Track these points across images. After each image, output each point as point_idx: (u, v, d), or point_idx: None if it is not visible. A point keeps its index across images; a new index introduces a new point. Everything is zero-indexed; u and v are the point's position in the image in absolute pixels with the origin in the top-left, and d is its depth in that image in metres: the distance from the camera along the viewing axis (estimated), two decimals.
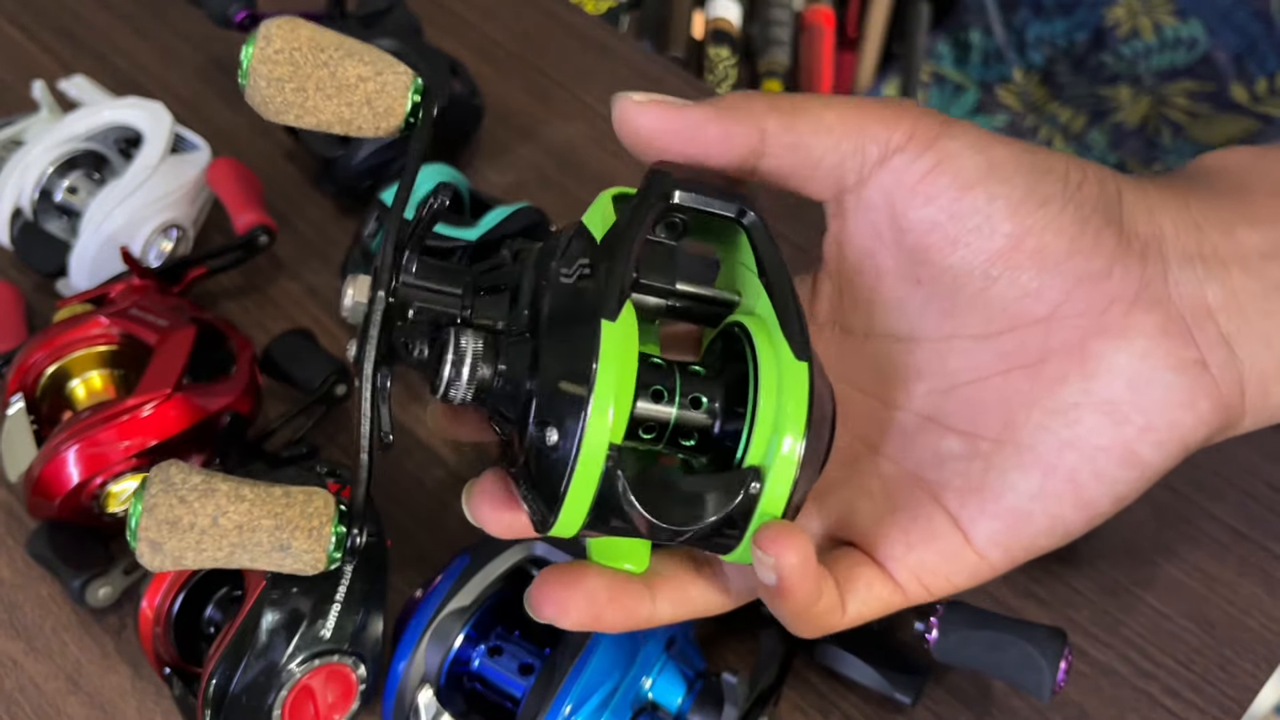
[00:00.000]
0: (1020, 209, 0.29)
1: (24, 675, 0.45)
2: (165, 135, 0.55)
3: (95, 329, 0.48)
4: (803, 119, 0.30)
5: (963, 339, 0.31)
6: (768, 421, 0.27)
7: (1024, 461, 0.30)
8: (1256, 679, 0.45)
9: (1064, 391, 0.29)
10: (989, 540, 0.30)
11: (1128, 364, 0.29)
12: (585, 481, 0.26)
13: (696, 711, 0.39)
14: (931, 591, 0.31)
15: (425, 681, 0.38)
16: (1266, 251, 0.30)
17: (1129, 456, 0.29)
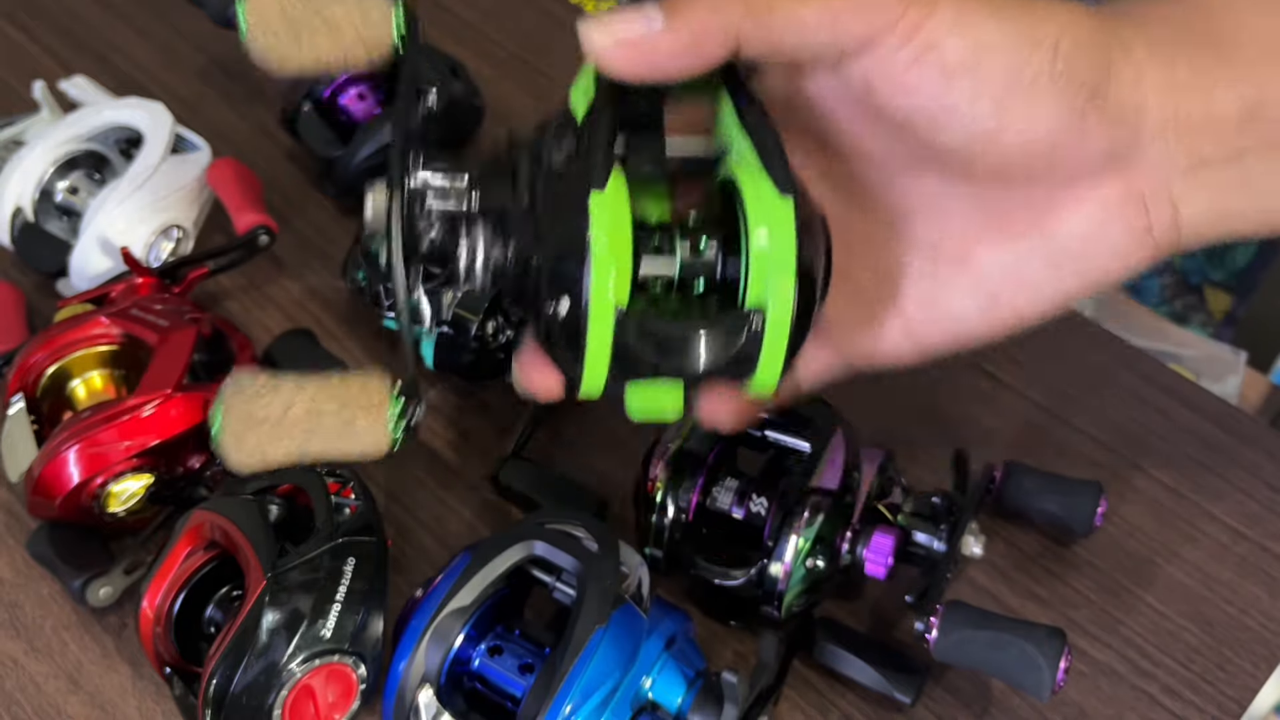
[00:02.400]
0: (1005, 99, 0.30)
1: (24, 675, 0.45)
2: (166, 135, 0.55)
3: (96, 329, 0.48)
4: (778, 18, 0.30)
5: (941, 179, 0.34)
6: (760, 261, 0.30)
7: (973, 284, 0.34)
8: (1256, 679, 0.46)
9: (1021, 239, 0.33)
10: (927, 338, 0.36)
11: (1083, 227, 0.32)
12: (599, 342, 0.29)
13: (696, 711, 0.39)
14: (873, 365, 0.37)
15: (425, 681, 0.38)
16: (1238, 117, 0.31)
17: (1061, 293, 0.34)
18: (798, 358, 0.31)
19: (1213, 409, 0.53)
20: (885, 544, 0.42)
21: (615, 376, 0.31)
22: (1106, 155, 0.31)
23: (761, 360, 0.30)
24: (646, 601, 0.40)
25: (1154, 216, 0.32)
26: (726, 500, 0.44)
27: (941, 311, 0.35)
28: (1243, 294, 0.96)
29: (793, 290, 0.29)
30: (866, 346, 0.36)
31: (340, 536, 0.40)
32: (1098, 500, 0.46)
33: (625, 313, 0.29)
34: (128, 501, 0.45)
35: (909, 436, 0.52)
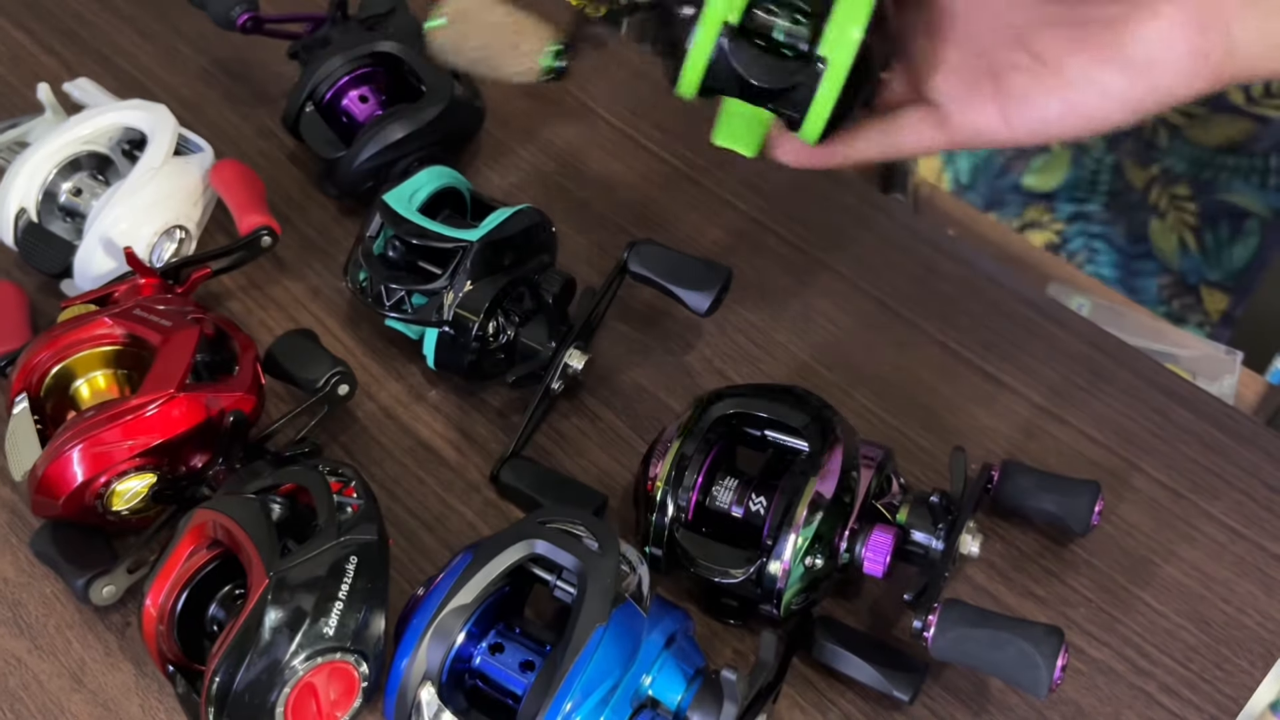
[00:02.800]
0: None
1: (28, 673, 0.45)
2: (169, 137, 0.55)
3: (99, 329, 0.48)
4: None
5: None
6: (837, 14, 0.39)
7: (1062, 85, 0.39)
8: (1253, 677, 0.46)
9: (1102, 53, 0.38)
10: (1022, 128, 0.41)
11: (1155, 40, 0.37)
12: (703, 46, 0.40)
13: (696, 708, 0.39)
14: (971, 145, 0.43)
15: (427, 678, 0.39)
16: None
17: (1130, 103, 0.39)
18: (850, 116, 0.39)
19: (1210, 409, 0.54)
20: (883, 543, 0.43)
21: (706, 84, 0.40)
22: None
23: (814, 104, 0.40)
24: (646, 600, 0.40)
25: (1212, 40, 0.37)
26: (726, 499, 0.44)
27: (1033, 105, 0.40)
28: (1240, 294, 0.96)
29: (852, 47, 0.38)
30: (968, 123, 0.41)
31: (342, 535, 0.41)
32: (1095, 500, 0.46)
33: (730, 30, 0.39)
34: (131, 501, 0.45)
35: (908, 436, 0.52)
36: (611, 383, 0.54)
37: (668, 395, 0.54)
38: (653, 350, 0.56)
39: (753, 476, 0.45)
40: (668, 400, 0.53)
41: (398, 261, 0.52)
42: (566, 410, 0.53)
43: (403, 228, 0.50)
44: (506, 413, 0.53)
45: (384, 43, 0.59)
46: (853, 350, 0.56)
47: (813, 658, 0.44)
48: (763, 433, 0.46)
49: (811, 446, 0.44)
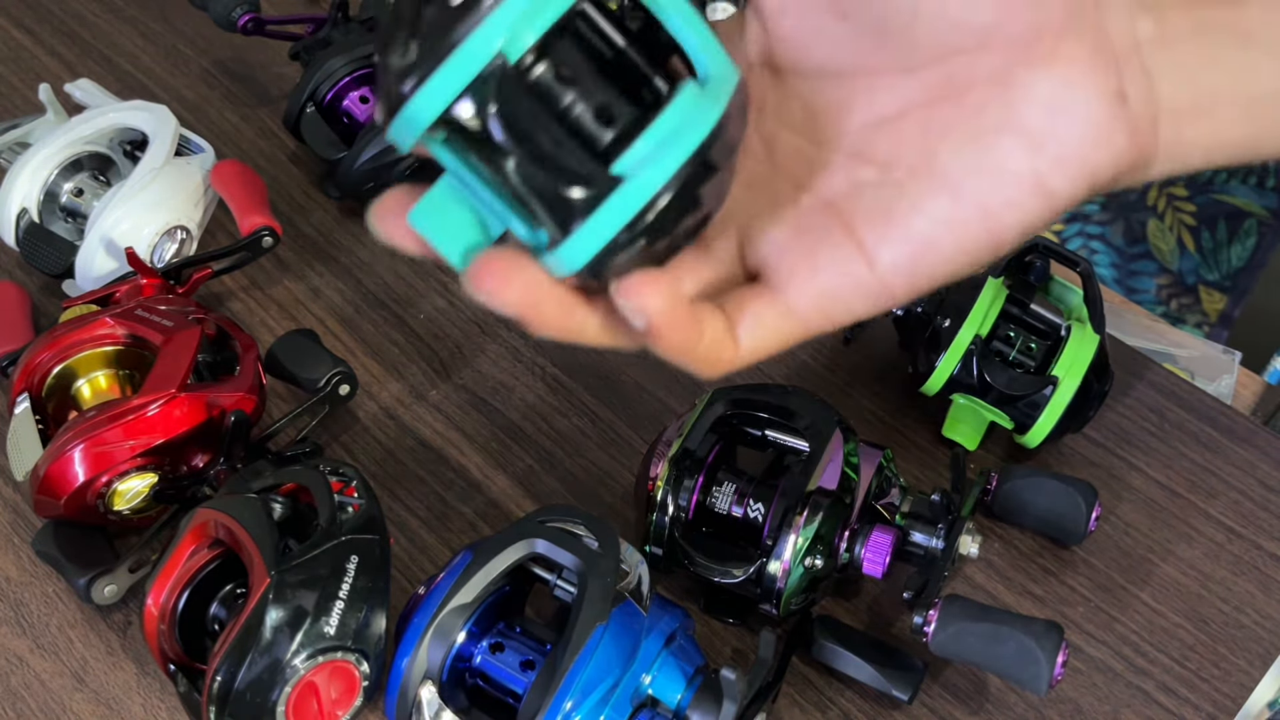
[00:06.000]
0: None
1: (30, 672, 0.45)
2: (170, 138, 0.56)
3: (101, 329, 0.48)
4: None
5: (890, 74, 0.30)
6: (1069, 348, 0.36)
7: (935, 187, 0.29)
8: (1251, 676, 0.46)
9: (983, 119, 0.29)
10: (892, 266, 0.29)
11: (1049, 92, 0.28)
12: (958, 350, 0.43)
13: (696, 707, 0.39)
14: (831, 319, 0.30)
15: (428, 677, 0.39)
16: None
17: (1039, 185, 0.29)
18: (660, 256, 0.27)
19: (1208, 408, 0.54)
20: (883, 543, 0.43)
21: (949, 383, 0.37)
22: (1065, 11, 0.29)
23: (1044, 414, 0.38)
24: (646, 599, 0.40)
25: (1127, 82, 0.29)
26: (726, 499, 0.44)
27: (906, 232, 0.29)
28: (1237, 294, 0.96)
29: (1080, 376, 0.35)
30: (814, 294, 0.30)
31: (343, 535, 0.41)
32: (1091, 509, 0.46)
33: (979, 342, 0.41)
34: (132, 500, 0.45)
35: (908, 436, 0.53)
36: (611, 383, 0.54)
37: (668, 395, 0.54)
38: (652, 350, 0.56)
39: (753, 476, 0.45)
40: (668, 400, 0.54)
41: None
42: (566, 410, 0.53)
43: None
44: (506, 413, 0.53)
45: None
46: (852, 350, 0.56)
47: (812, 657, 0.44)
48: (763, 433, 0.46)
49: (812, 446, 0.44)
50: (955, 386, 0.49)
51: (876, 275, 0.29)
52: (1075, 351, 0.48)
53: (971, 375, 0.48)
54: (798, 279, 0.30)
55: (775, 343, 0.30)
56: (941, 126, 0.29)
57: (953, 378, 0.49)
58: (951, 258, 0.29)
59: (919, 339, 0.50)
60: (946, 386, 0.49)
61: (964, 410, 0.50)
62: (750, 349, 0.30)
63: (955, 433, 0.50)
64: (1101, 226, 0.99)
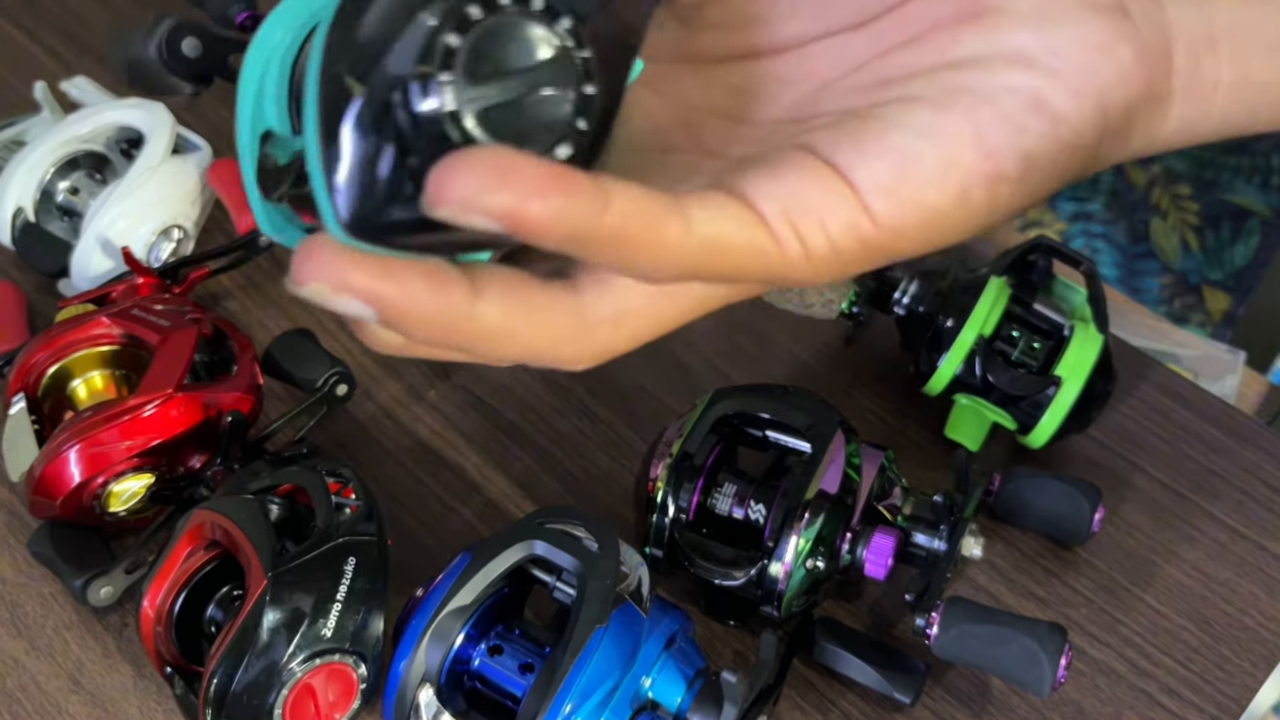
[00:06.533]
0: None
1: (25, 674, 0.45)
2: (167, 136, 0.55)
3: (97, 329, 0.48)
4: None
5: (835, 36, 0.26)
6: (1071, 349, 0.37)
7: (913, 104, 0.24)
8: (1255, 678, 0.46)
9: (958, 50, 0.24)
10: (871, 183, 0.23)
11: (1032, 7, 0.24)
12: (961, 350, 0.41)
13: (696, 710, 0.39)
14: (804, 239, 0.23)
15: (426, 680, 0.39)
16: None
17: (1039, 102, 0.24)
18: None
19: (1211, 409, 0.54)
20: (885, 545, 0.42)
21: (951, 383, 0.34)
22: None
23: (1047, 414, 0.39)
24: (646, 601, 0.40)
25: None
26: (727, 500, 0.44)
27: (882, 146, 0.24)
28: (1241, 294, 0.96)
29: (1085, 374, 0.31)
30: (784, 208, 0.23)
31: (341, 536, 0.40)
32: (1094, 511, 0.46)
33: (982, 342, 0.40)
34: (129, 501, 0.45)
35: (909, 436, 0.52)
36: (611, 383, 0.54)
37: (668, 395, 0.54)
38: (652, 350, 0.55)
39: (754, 478, 0.45)
40: (668, 400, 0.53)
41: None
42: (566, 410, 0.53)
43: None
44: (507, 413, 0.53)
45: None
46: (854, 350, 0.55)
47: (813, 659, 0.44)
48: (764, 433, 0.46)
49: (813, 448, 0.44)
50: (958, 387, 0.49)
51: (854, 192, 0.23)
52: (1079, 351, 0.47)
53: (974, 375, 0.48)
54: (760, 185, 0.23)
55: (740, 241, 0.23)
56: (907, 69, 0.25)
57: (955, 378, 0.49)
58: (939, 181, 0.23)
59: (921, 339, 0.50)
60: (949, 387, 0.49)
61: (967, 411, 0.49)
62: (710, 235, 0.22)
63: (958, 433, 0.50)
64: (1104, 225, 0.98)
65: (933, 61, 0.24)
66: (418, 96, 0.20)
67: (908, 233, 0.24)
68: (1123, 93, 0.24)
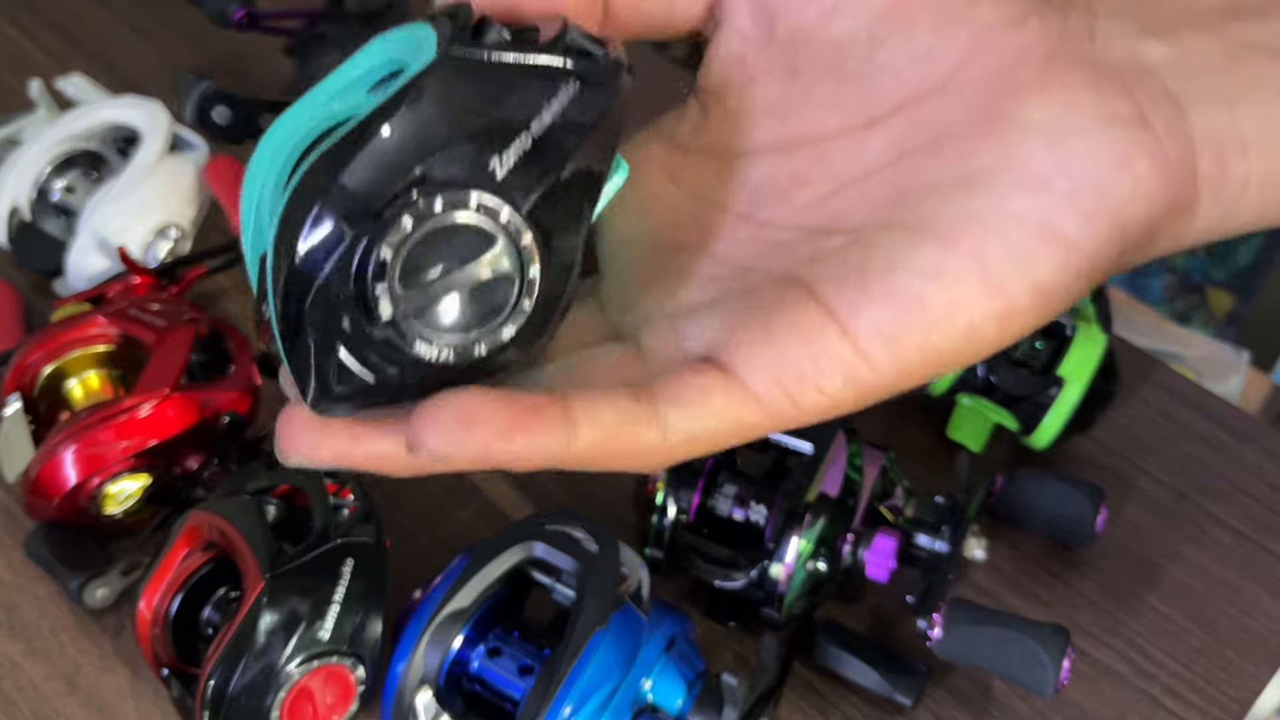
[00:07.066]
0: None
1: (22, 676, 0.45)
2: (163, 134, 0.55)
3: (93, 329, 0.48)
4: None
5: (850, 133, 0.26)
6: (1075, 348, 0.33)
7: (919, 238, 0.23)
8: (1258, 680, 0.45)
9: (969, 163, 0.24)
10: (871, 331, 0.23)
11: (1046, 119, 0.23)
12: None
13: (696, 713, 0.38)
14: (798, 403, 0.23)
15: (424, 682, 0.38)
16: (1226, 7, 0.24)
17: (1048, 230, 0.23)
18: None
19: (1215, 409, 0.53)
20: (887, 547, 0.42)
21: (955, 384, 0.31)
22: (1053, 33, 0.24)
23: (1051, 414, 0.34)
24: (646, 603, 0.40)
25: (1145, 104, 0.23)
26: (727, 502, 0.44)
27: (885, 289, 0.23)
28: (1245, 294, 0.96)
29: (1089, 373, 0.29)
30: (774, 370, 0.23)
31: (338, 537, 0.40)
32: (1096, 514, 0.46)
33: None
34: (125, 502, 0.45)
35: (911, 437, 0.52)
36: None
37: None
38: None
39: (755, 478, 0.45)
40: None
41: None
42: None
43: None
44: None
45: None
46: None
47: (814, 661, 0.44)
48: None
49: (814, 448, 0.43)
50: (960, 387, 0.49)
51: (852, 344, 0.23)
52: (1082, 351, 0.47)
53: (977, 376, 0.48)
54: (752, 354, 0.23)
55: (725, 431, 0.23)
56: (920, 180, 0.24)
57: (958, 378, 0.48)
58: (945, 324, 0.23)
59: None
60: (952, 387, 0.49)
61: (969, 411, 0.49)
62: (687, 434, 0.23)
63: (960, 434, 0.49)
64: None
65: (945, 177, 0.24)
66: (356, 306, 0.21)
67: (912, 373, 0.24)
68: (1142, 208, 0.23)
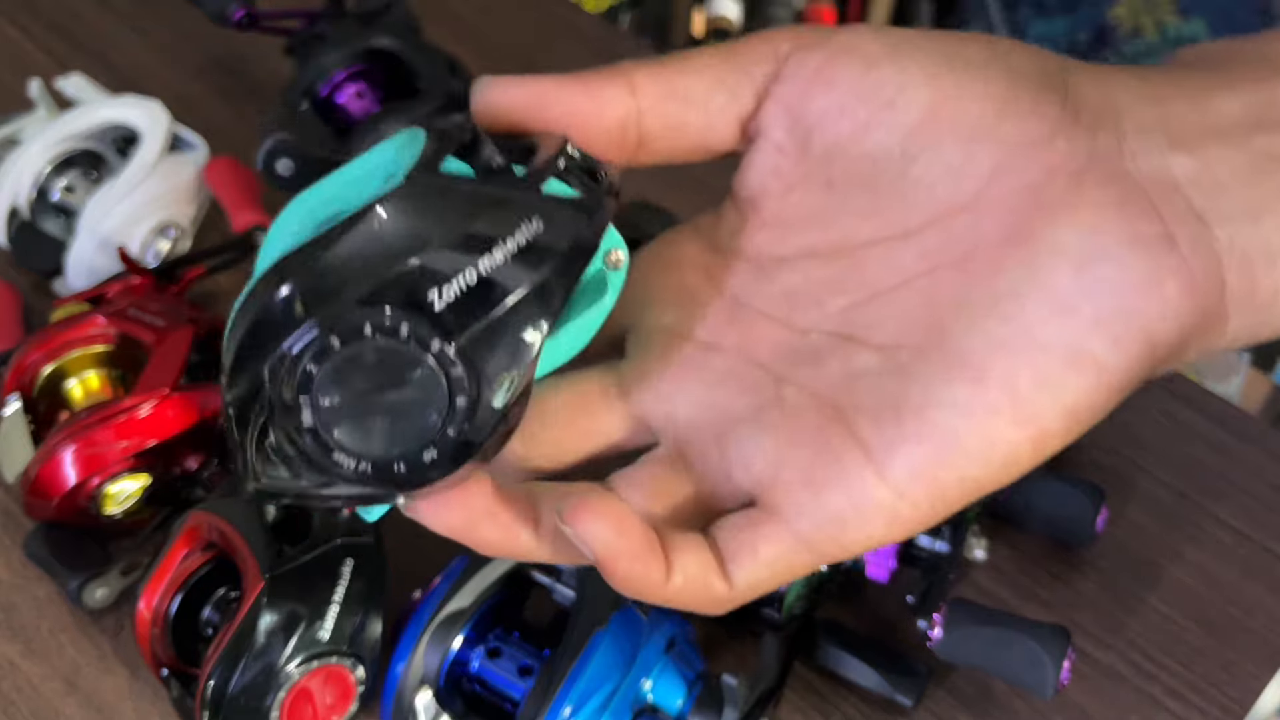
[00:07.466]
0: (937, 74, 0.25)
1: (21, 676, 0.45)
2: (162, 134, 0.55)
3: (92, 329, 0.48)
4: (670, 64, 0.27)
5: (883, 243, 0.26)
6: None
7: (951, 369, 0.24)
8: (1259, 680, 0.45)
9: (998, 283, 0.24)
10: (909, 472, 0.24)
11: (1074, 241, 0.24)
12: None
13: (696, 713, 0.38)
14: (843, 544, 0.25)
15: (424, 683, 0.38)
16: (1250, 120, 0.25)
17: (1078, 355, 0.24)
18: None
19: (1216, 409, 0.53)
20: (887, 547, 0.42)
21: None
22: (1081, 151, 0.24)
23: None
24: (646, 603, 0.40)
25: (1171, 223, 0.24)
26: None
27: (920, 428, 0.24)
28: None
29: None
30: (820, 518, 0.25)
31: (338, 538, 0.40)
32: (1097, 514, 0.46)
33: None
34: (125, 502, 0.45)
35: None
36: None
37: None
38: None
39: None
40: None
41: None
42: None
43: None
44: None
45: (380, 38, 0.59)
46: None
47: (815, 662, 0.43)
48: None
49: None
50: None
51: (891, 488, 0.24)
52: None
53: None
54: (797, 501, 0.25)
55: (780, 575, 0.26)
56: (950, 297, 0.25)
57: None
58: (981, 458, 0.24)
59: None
60: None
61: None
62: (749, 584, 0.25)
63: None
64: None
65: (975, 295, 0.25)
66: (284, 410, 0.23)
67: (951, 504, 0.25)
68: (1172, 326, 0.24)
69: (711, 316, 0.28)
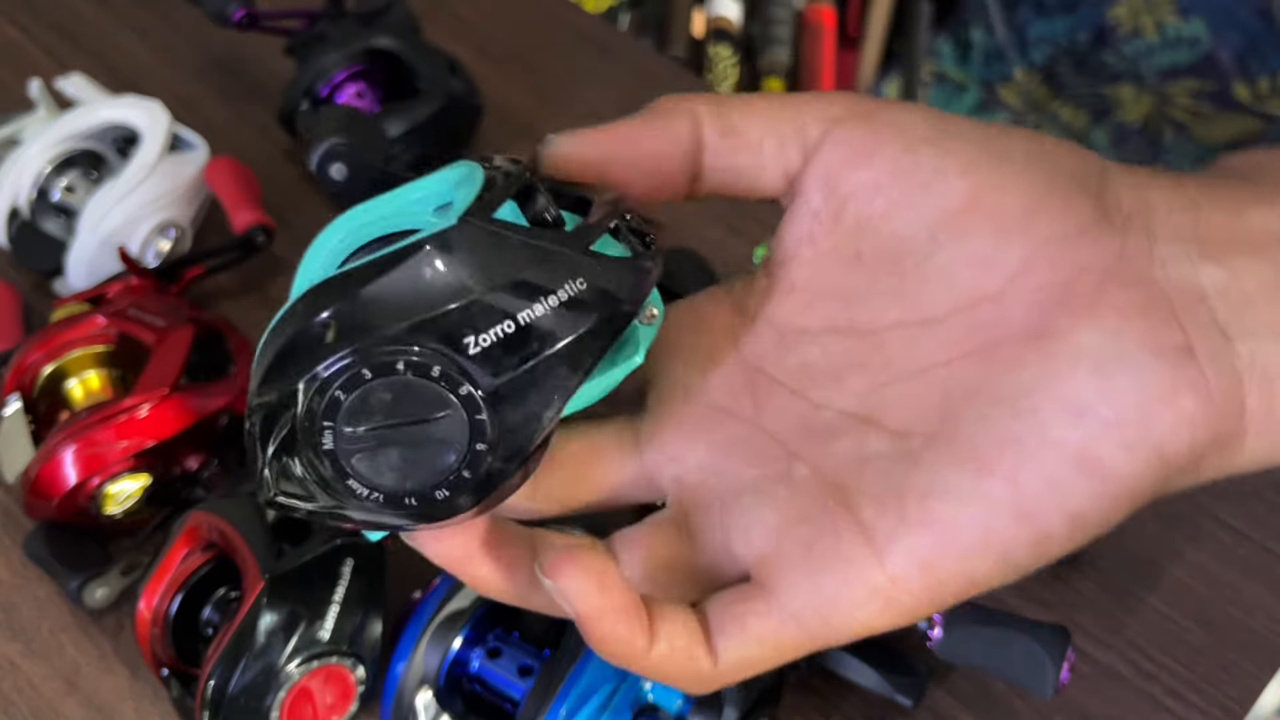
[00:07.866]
0: (975, 164, 0.25)
1: (21, 676, 0.45)
2: (163, 134, 0.55)
3: (93, 329, 0.48)
4: (733, 105, 0.28)
5: (906, 327, 0.26)
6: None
7: (958, 460, 0.24)
8: (1260, 680, 0.45)
9: (1014, 379, 0.24)
10: (907, 560, 0.24)
11: (1095, 344, 0.23)
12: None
13: (696, 713, 0.38)
14: (834, 627, 0.25)
15: (424, 683, 0.38)
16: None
17: (1087, 459, 0.23)
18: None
19: None
20: None
21: None
22: (1110, 252, 0.24)
23: None
24: None
25: (1193, 335, 0.23)
26: None
27: (922, 516, 0.24)
28: None
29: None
30: (814, 599, 0.25)
31: (338, 537, 0.40)
32: None
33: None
34: (125, 502, 0.45)
35: None
36: None
37: None
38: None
39: None
40: None
41: None
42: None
43: None
44: None
45: (380, 38, 0.59)
46: None
47: (815, 662, 0.43)
48: None
49: None
50: None
51: (888, 575, 0.24)
52: None
53: None
54: (793, 580, 0.25)
55: (769, 655, 0.25)
56: (966, 387, 0.25)
57: None
58: (979, 552, 0.24)
59: None
60: None
61: None
62: (735, 661, 0.25)
63: None
64: None
65: (992, 388, 0.25)
66: (307, 432, 0.23)
67: (946, 596, 0.25)
68: (1185, 440, 0.24)
69: (730, 381, 0.28)
